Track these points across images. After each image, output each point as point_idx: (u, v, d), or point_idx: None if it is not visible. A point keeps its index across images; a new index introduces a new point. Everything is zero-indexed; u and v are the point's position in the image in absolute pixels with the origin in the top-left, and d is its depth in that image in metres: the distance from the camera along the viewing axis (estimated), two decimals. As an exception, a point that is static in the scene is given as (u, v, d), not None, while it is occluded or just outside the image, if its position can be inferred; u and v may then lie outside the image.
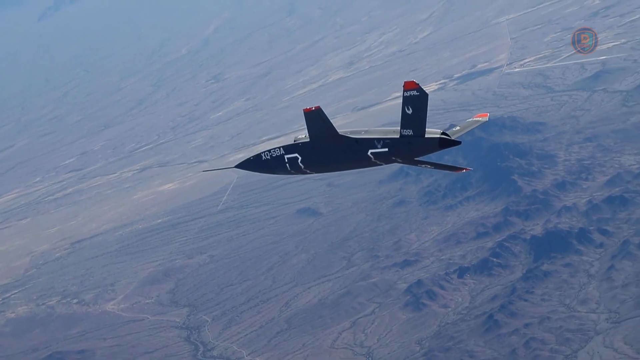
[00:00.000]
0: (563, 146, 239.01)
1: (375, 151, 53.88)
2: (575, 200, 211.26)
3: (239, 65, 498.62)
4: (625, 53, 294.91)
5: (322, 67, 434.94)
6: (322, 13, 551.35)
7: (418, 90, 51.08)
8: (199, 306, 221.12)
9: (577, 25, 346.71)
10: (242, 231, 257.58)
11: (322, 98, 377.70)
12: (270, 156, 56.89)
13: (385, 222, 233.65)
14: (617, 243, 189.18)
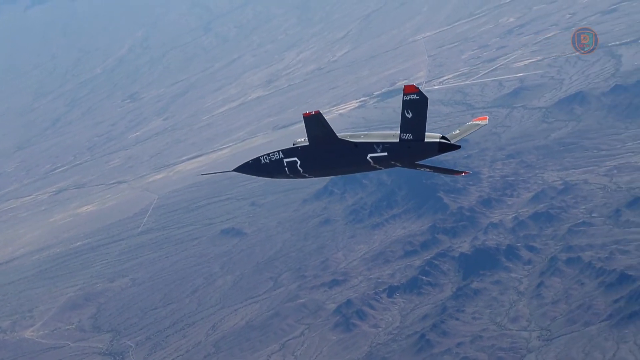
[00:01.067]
0: (486, 163, 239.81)
1: (374, 155, 53.83)
2: (501, 216, 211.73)
3: (155, 84, 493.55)
4: (542, 70, 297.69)
5: (240, 86, 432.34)
6: (238, 32, 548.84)
7: (418, 94, 50.85)
8: (122, 331, 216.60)
9: (493, 43, 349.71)
10: (165, 253, 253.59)
11: (242, 117, 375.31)
12: (269, 160, 56.60)
13: (311, 241, 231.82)
14: (544, 259, 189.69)
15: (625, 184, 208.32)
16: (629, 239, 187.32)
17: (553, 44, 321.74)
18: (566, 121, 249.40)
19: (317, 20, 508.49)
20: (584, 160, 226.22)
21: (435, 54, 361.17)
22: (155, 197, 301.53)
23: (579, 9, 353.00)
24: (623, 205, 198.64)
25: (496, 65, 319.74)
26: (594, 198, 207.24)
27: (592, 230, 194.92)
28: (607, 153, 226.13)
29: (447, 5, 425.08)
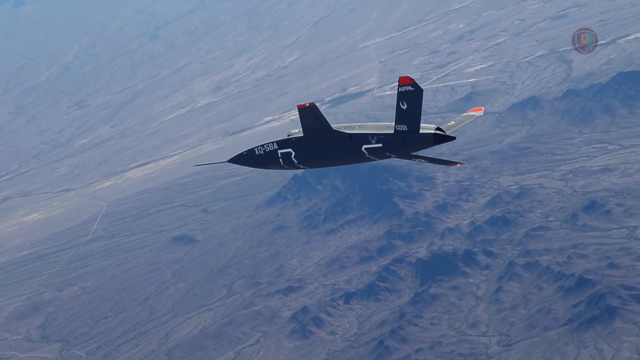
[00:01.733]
0: (441, 168, 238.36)
1: (369, 146, 53.46)
2: (457, 221, 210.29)
3: (102, 91, 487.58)
4: (493, 75, 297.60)
5: (189, 93, 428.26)
6: (185, 39, 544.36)
7: (413, 85, 50.47)
8: (71, 341, 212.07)
9: (443, 49, 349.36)
10: (115, 261, 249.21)
11: (191, 123, 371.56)
12: (263, 151, 56.34)
13: (265, 248, 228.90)
14: (502, 264, 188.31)
15: (580, 188, 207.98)
16: (586, 243, 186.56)
17: (504, 50, 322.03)
18: (520, 126, 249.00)
19: (266, 26, 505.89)
20: (539, 164, 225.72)
21: (386, 60, 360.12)
22: (104, 204, 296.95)
23: (528, 14, 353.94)
24: (579, 210, 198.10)
25: (448, 70, 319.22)
26: (550, 202, 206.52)
27: (549, 234, 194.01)
28: (562, 157, 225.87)
29: (396, 12, 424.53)
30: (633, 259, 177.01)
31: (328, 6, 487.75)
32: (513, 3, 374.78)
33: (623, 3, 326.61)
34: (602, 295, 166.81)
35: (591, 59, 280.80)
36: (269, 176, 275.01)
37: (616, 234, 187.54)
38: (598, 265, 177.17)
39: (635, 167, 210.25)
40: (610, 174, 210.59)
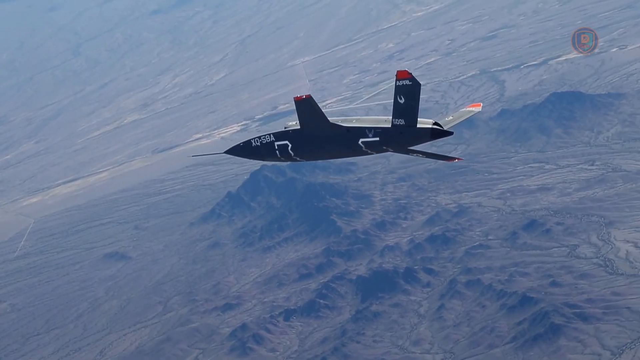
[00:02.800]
0: (378, 186, 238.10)
1: (366, 140, 53.44)
2: (396, 239, 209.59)
3: (24, 107, 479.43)
4: (426, 95, 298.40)
5: (115, 109, 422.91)
6: (109, 55, 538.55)
7: (410, 79, 50.43)
8: (2, 358, 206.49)
9: (374, 68, 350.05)
10: (45, 278, 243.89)
11: (119, 140, 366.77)
12: (260, 143, 56.36)
13: (200, 265, 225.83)
14: (444, 282, 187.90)
15: (519, 207, 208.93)
16: (527, 262, 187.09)
17: (435, 69, 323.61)
18: (455, 145, 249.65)
19: (191, 44, 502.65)
20: (476, 183, 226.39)
21: (316, 79, 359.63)
22: (31, 221, 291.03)
23: (458, 35, 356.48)
24: (519, 228, 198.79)
25: (379, 89, 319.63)
26: (489, 221, 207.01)
27: (489, 252, 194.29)
28: (499, 176, 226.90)
29: (324, 31, 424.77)
30: (575, 277, 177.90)
31: (254, 24, 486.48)
32: (442, 23, 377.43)
33: (552, 25, 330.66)
34: (546, 313, 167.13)
35: (523, 79, 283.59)
36: (201, 193, 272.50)
37: (557, 252, 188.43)
38: (540, 284, 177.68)
39: (572, 187, 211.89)
40: (548, 193, 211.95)
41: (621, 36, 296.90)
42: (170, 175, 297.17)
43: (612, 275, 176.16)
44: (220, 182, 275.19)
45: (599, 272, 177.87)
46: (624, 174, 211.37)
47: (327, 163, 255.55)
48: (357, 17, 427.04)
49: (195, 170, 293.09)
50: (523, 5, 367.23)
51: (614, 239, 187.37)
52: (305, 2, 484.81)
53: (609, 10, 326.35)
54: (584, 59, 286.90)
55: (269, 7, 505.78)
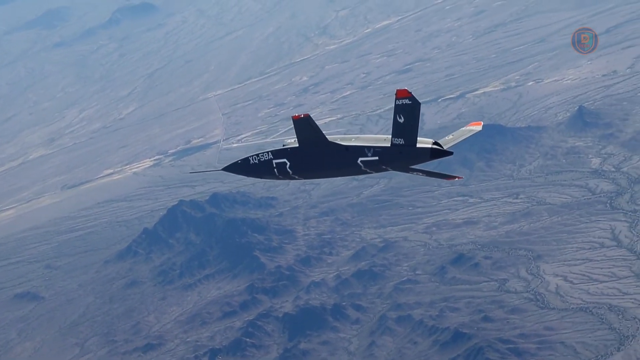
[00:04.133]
0: (300, 221, 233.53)
1: (365, 159, 53.12)
2: (322, 275, 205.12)
3: None
4: (343, 128, 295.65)
5: (19, 144, 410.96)
6: (10, 88, 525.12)
7: (410, 99, 50.10)
8: None
9: (289, 101, 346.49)
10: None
11: (25, 176, 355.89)
12: (258, 160, 55.85)
13: (118, 304, 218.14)
14: (373, 318, 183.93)
15: (446, 241, 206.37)
16: (457, 297, 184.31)
17: (351, 102, 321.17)
18: (377, 179, 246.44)
19: (97, 78, 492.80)
20: (401, 217, 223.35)
21: (230, 112, 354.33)
22: None
23: (373, 68, 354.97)
24: (447, 262, 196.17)
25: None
26: (416, 255, 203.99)
27: (418, 287, 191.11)
28: (424, 210, 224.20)
29: (235, 64, 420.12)
30: (507, 312, 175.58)
31: (162, 58, 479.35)
32: (356, 57, 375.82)
33: (467, 58, 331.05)
34: (480, 349, 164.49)
35: (442, 112, 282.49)
36: (115, 230, 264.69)
37: (486, 287, 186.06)
38: (472, 319, 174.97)
39: (498, 220, 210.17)
40: (475, 227, 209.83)
41: (536, 70, 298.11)
42: (81, 212, 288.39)
43: (543, 309, 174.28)
44: (135, 219, 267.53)
45: (531, 307, 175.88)
46: (549, 207, 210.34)
47: (246, 198, 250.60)
48: (269, 50, 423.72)
49: (107, 206, 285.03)
50: (436, 39, 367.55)
51: (543, 272, 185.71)
52: (214, 35, 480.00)
53: (522, 45, 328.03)
54: (500, 92, 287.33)
55: (177, 41, 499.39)
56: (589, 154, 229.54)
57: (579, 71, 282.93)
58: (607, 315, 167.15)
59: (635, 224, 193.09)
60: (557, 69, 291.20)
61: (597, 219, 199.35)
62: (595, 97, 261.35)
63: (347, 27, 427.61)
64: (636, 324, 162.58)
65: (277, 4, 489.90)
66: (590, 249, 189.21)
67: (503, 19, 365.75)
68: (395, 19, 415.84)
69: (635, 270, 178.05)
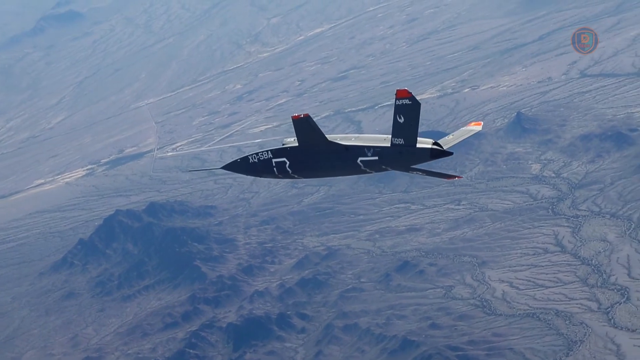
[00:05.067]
0: (240, 229, 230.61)
1: (365, 159, 53.15)
2: (266, 284, 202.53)
3: None
4: (280, 136, 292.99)
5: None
6: None
7: (410, 99, 50.05)
8: None
9: (223, 109, 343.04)
10: None
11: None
12: (257, 159, 55.96)
13: (55, 316, 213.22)
14: (319, 327, 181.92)
15: (389, 249, 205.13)
16: (404, 304, 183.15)
17: (287, 110, 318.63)
18: (317, 186, 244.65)
19: (24, 87, 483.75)
20: (343, 225, 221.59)
21: (163, 121, 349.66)
22: None
23: (307, 76, 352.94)
24: (392, 270, 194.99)
25: (231, 131, 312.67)
26: (360, 263, 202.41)
27: (363, 295, 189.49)
28: (366, 218, 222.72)
29: (166, 72, 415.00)
30: (454, 319, 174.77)
31: (91, 66, 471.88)
32: (289, 64, 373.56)
33: (402, 66, 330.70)
34: (429, 356, 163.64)
35: (379, 119, 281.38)
36: (49, 241, 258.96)
37: (432, 294, 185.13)
38: (420, 326, 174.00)
39: (441, 227, 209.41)
40: (418, 234, 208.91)
41: (471, 77, 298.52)
42: (12, 223, 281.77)
43: (490, 315, 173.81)
44: (69, 229, 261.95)
45: (478, 313, 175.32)
46: (491, 213, 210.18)
47: (184, 207, 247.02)
48: (200, 58, 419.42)
49: (40, 217, 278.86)
50: (370, 46, 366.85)
51: (489, 279, 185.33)
52: (143, 43, 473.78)
53: (456, 52, 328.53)
54: (437, 99, 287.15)
55: (105, 49, 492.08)
56: (528, 159, 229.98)
57: (514, 78, 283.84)
58: (554, 321, 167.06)
59: (577, 229, 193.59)
60: (492, 75, 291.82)
61: (540, 224, 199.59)
62: (532, 103, 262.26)
63: (280, 34, 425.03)
64: (584, 329, 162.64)
65: (206, 12, 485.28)
66: (534, 255, 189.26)
67: (436, 26, 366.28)
68: (327, 27, 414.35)
69: (580, 276, 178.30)
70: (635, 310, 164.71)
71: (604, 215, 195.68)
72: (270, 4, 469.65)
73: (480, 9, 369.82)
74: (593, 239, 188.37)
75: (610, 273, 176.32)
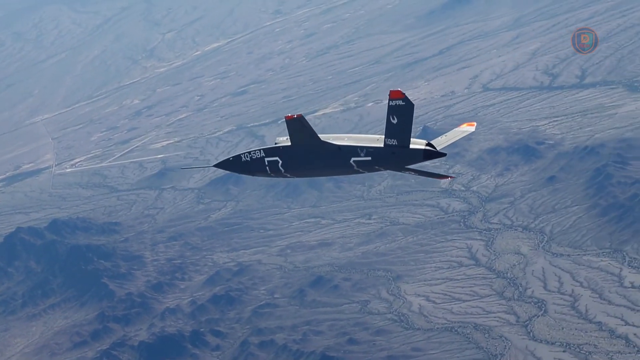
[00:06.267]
0: (147, 246, 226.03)
1: (358, 159, 53.35)
2: (176, 301, 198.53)
3: None
4: (183, 151, 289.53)
5: None
6: None
7: (404, 100, 50.23)
8: None
9: (122, 124, 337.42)
10: None
11: None
12: (250, 158, 56.03)
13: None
14: (234, 344, 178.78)
15: (301, 263, 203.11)
16: (319, 319, 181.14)
17: (188, 125, 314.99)
18: (224, 202, 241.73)
19: None
20: (253, 240, 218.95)
21: (60, 136, 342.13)
22: None
23: (207, 91, 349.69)
24: (306, 285, 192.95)
25: (132, 146, 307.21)
26: (272, 278, 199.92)
27: (278, 311, 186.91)
28: (276, 233, 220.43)
29: (60, 88, 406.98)
30: (372, 334, 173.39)
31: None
32: (188, 79, 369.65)
33: (303, 80, 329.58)
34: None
35: (284, 134, 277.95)
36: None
37: (348, 308, 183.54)
38: (337, 342, 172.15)
39: (354, 241, 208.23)
40: (330, 249, 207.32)
41: (374, 91, 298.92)
42: None
43: (408, 330, 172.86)
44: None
45: (395, 328, 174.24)
46: (403, 227, 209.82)
47: (87, 224, 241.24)
48: (95, 73, 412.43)
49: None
50: (269, 61, 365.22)
51: (405, 293, 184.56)
52: (35, 59, 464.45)
53: (357, 66, 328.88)
54: (341, 114, 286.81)
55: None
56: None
57: (417, 92, 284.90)
58: (473, 335, 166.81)
59: (490, 242, 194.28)
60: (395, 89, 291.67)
61: (453, 237, 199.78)
62: (436, 117, 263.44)
63: (176, 49, 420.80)
64: (503, 343, 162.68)
65: (99, 27, 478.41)
66: (449, 268, 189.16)
67: (335, 40, 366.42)
68: (224, 42, 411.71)
69: (496, 289, 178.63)
70: (554, 322, 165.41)
71: (516, 228, 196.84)
72: (164, 19, 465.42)
73: (378, 23, 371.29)
74: (507, 252, 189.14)
75: (526, 286, 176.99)
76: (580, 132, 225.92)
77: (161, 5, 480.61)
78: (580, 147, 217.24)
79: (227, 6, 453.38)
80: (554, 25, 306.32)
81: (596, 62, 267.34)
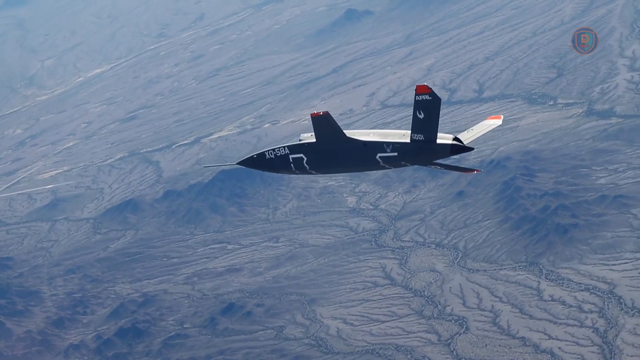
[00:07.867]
0: (44, 280, 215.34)
1: (384, 155, 53.32)
2: (80, 337, 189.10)
3: None
4: (74, 180, 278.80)
5: None
6: None
7: (430, 94, 50.25)
8: None
9: (5, 155, 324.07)
10: None
11: None
12: (274, 155, 55.80)
13: None
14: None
15: (210, 291, 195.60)
16: (234, 348, 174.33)
17: (77, 154, 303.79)
18: (122, 231, 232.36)
19: None
20: (157, 269, 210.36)
21: None
22: None
23: (94, 117, 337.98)
24: (216, 313, 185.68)
25: (18, 178, 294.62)
26: (180, 308, 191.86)
27: (189, 342, 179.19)
28: (180, 260, 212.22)
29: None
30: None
31: None
32: (72, 107, 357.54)
33: (195, 103, 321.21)
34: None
35: (179, 158, 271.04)
36: None
37: (263, 335, 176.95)
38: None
39: (263, 266, 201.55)
40: (239, 274, 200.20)
41: (270, 112, 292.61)
42: None
43: (328, 354, 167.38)
44: None
45: (314, 353, 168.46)
46: (313, 248, 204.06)
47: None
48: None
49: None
50: (157, 85, 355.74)
51: (321, 316, 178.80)
52: None
53: (250, 87, 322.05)
54: (238, 136, 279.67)
55: None
56: (343, 193, 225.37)
57: (315, 110, 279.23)
58: (395, 356, 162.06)
59: (404, 260, 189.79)
60: (291, 109, 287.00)
61: (366, 257, 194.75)
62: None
63: (57, 76, 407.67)
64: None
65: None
66: (364, 289, 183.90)
67: (224, 62, 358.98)
68: (108, 67, 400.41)
69: (415, 308, 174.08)
70: (476, 340, 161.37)
71: (429, 245, 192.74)
72: (41, 46, 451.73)
73: (267, 44, 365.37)
74: (422, 270, 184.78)
75: (445, 303, 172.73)
76: (485, 146, 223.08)
77: (37, 32, 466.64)
78: (486, 161, 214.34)
79: (107, 31, 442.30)
80: (446, 40, 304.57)
81: (492, 76, 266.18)
